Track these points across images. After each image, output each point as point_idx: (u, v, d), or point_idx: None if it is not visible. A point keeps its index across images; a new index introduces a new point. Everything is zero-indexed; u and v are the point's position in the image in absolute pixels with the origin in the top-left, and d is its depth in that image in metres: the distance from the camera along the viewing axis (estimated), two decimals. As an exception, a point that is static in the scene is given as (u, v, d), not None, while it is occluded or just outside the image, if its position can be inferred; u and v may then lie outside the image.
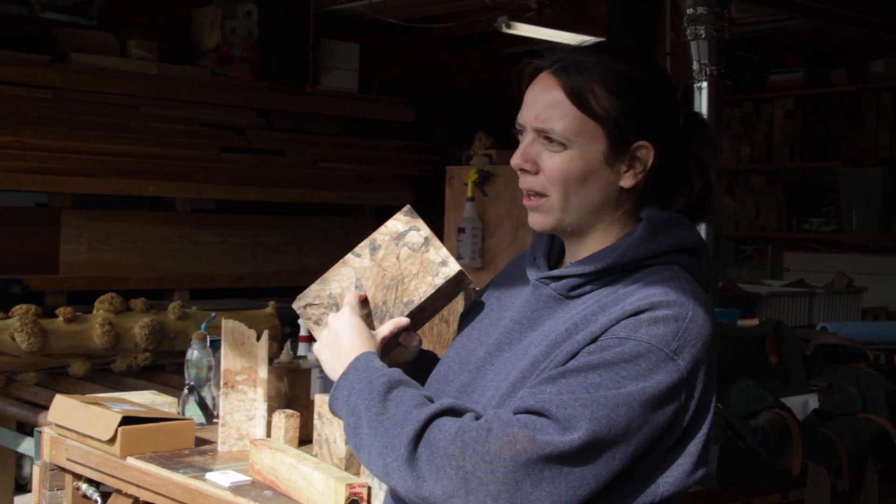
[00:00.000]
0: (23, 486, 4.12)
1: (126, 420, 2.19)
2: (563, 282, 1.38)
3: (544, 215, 1.40)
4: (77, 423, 2.27)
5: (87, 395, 2.54)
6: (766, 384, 2.47)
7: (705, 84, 3.72)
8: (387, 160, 5.81)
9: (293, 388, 2.32)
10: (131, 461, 2.16)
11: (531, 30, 5.53)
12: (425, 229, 1.51)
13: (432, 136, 6.05)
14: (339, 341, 1.42)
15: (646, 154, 1.37)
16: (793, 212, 7.14)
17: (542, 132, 1.37)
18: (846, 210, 6.84)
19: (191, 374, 2.46)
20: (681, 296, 1.30)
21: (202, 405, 2.45)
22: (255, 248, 5.25)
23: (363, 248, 1.51)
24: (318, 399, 2.16)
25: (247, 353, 2.24)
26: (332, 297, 1.49)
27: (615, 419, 1.22)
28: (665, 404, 1.26)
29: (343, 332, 1.42)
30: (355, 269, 1.50)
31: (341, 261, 1.52)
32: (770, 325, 2.75)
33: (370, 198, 5.67)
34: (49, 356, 3.13)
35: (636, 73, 1.37)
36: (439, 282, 1.46)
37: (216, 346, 2.35)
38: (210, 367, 2.47)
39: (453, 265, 1.47)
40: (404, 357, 1.50)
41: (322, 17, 5.60)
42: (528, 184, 1.39)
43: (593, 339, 1.28)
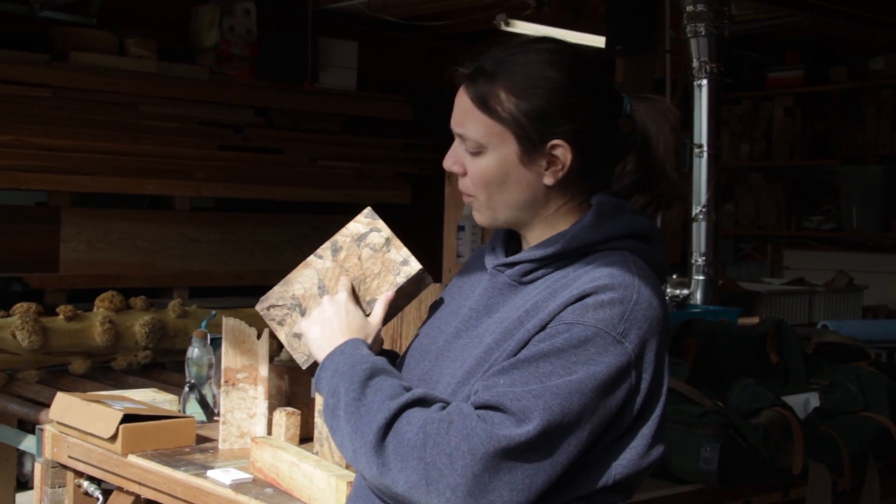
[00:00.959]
0: (24, 484, 4.12)
1: (127, 418, 2.19)
2: (517, 268, 1.43)
3: (479, 213, 1.46)
4: (78, 421, 2.27)
5: (89, 393, 2.54)
6: (766, 383, 2.47)
7: (705, 82, 3.73)
8: (386, 158, 5.80)
9: (294, 385, 2.32)
10: (133, 459, 2.16)
11: (530, 28, 5.53)
12: (386, 230, 1.54)
13: (431, 135, 6.04)
14: (331, 322, 1.46)
15: (562, 153, 1.40)
16: (792, 210, 7.14)
17: (461, 137, 1.44)
18: (846, 208, 6.84)
19: (191, 372, 2.46)
20: (626, 278, 1.34)
21: (203, 403, 2.46)
22: (254, 247, 5.25)
23: (325, 249, 1.54)
24: (319, 397, 2.16)
25: (247, 350, 2.24)
26: (294, 297, 1.51)
27: (568, 407, 1.26)
28: (615, 387, 1.30)
29: (336, 315, 1.47)
30: (317, 271, 1.52)
31: (303, 262, 1.54)
32: (771, 324, 2.75)
33: (369, 196, 5.65)
34: (50, 354, 3.13)
35: (547, 75, 1.39)
36: (401, 280, 1.50)
37: (217, 343, 2.35)
38: (211, 365, 2.47)
39: (414, 264, 1.51)
40: (375, 349, 1.51)
41: (320, 16, 5.60)
42: (461, 185, 1.46)
43: (542, 327, 1.33)
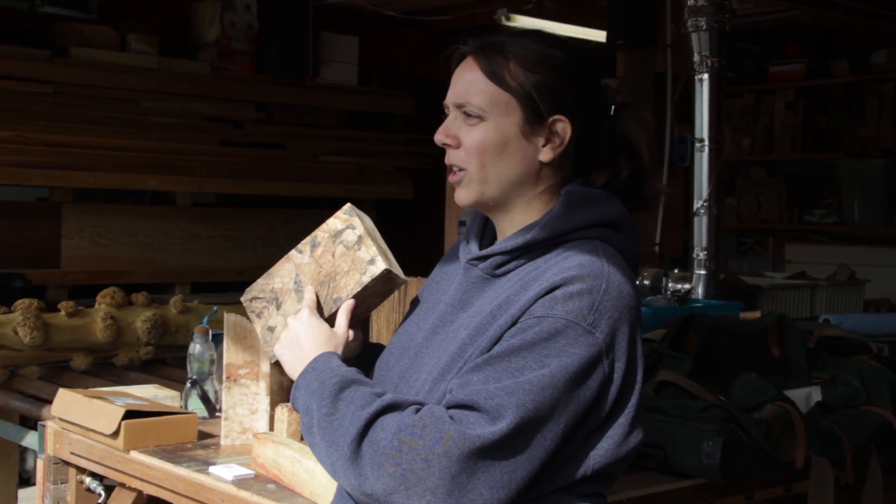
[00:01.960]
0: (26, 480, 4.12)
1: (129, 414, 2.19)
2: (489, 261, 1.44)
3: (465, 189, 1.46)
4: (80, 417, 2.27)
5: (90, 389, 2.54)
6: (768, 377, 2.46)
7: (706, 76, 3.72)
8: (387, 153, 5.80)
9: (296, 381, 2.32)
10: (134, 455, 2.16)
11: (531, 22, 5.52)
12: (360, 228, 1.54)
13: (432, 129, 6.01)
14: (299, 342, 1.48)
15: (563, 128, 1.43)
16: (794, 203, 7.13)
17: (460, 107, 1.44)
18: (848, 201, 6.83)
19: (193, 368, 2.46)
20: (596, 268, 1.34)
21: (205, 399, 2.45)
22: (255, 242, 5.25)
23: (305, 244, 1.56)
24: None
25: (249, 346, 2.24)
26: (273, 291, 1.53)
27: (541, 401, 1.27)
28: (588, 378, 1.30)
29: (302, 333, 1.48)
30: (296, 265, 1.54)
31: (286, 256, 1.57)
32: (773, 318, 2.75)
33: (371, 191, 5.66)
34: (51, 350, 3.13)
35: (553, 53, 1.44)
36: (366, 280, 1.50)
37: (218, 339, 2.35)
38: (212, 361, 2.46)
39: (380, 264, 1.51)
40: (348, 350, 1.53)
41: (321, 10, 5.59)
42: (450, 159, 1.46)
43: (514, 322, 1.33)
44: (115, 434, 2.17)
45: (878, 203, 6.69)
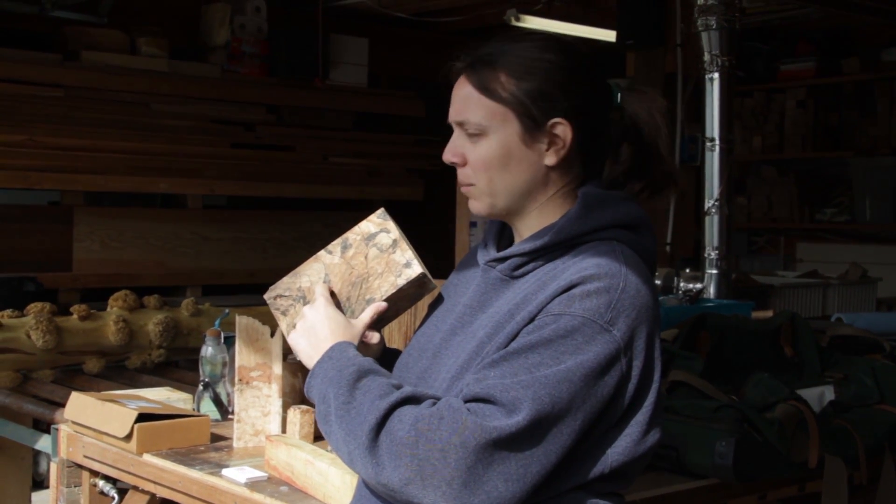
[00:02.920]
0: (39, 483, 4.14)
1: (142, 417, 2.20)
2: (508, 262, 1.45)
3: (477, 201, 1.47)
4: (93, 421, 2.28)
5: (103, 393, 2.55)
6: (781, 376, 2.46)
7: (717, 75, 3.71)
8: (397, 155, 5.80)
9: (308, 383, 2.32)
10: (148, 458, 2.17)
11: (540, 23, 5.52)
12: (395, 232, 1.55)
13: (442, 131, 6.02)
14: (316, 330, 1.48)
15: (563, 131, 1.43)
16: (805, 202, 7.11)
17: (461, 125, 1.46)
18: (859, 200, 6.81)
19: (205, 371, 2.46)
20: (613, 267, 1.35)
21: (217, 402, 2.46)
22: (266, 244, 5.26)
23: (335, 245, 1.56)
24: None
25: (261, 349, 2.24)
26: (300, 290, 1.53)
27: (557, 396, 1.28)
28: (605, 375, 1.31)
29: (319, 322, 1.48)
30: (325, 265, 1.54)
31: (314, 256, 1.56)
32: (785, 317, 2.74)
33: (381, 192, 5.67)
34: (64, 354, 3.14)
35: (544, 57, 1.44)
36: (401, 282, 1.51)
37: (230, 342, 2.35)
38: (224, 364, 2.47)
39: (416, 268, 1.51)
40: (370, 352, 1.53)
41: (331, 12, 5.60)
42: (460, 176, 1.48)
43: (531, 319, 1.34)
44: (128, 437, 2.18)
45: (890, 201, 6.66)
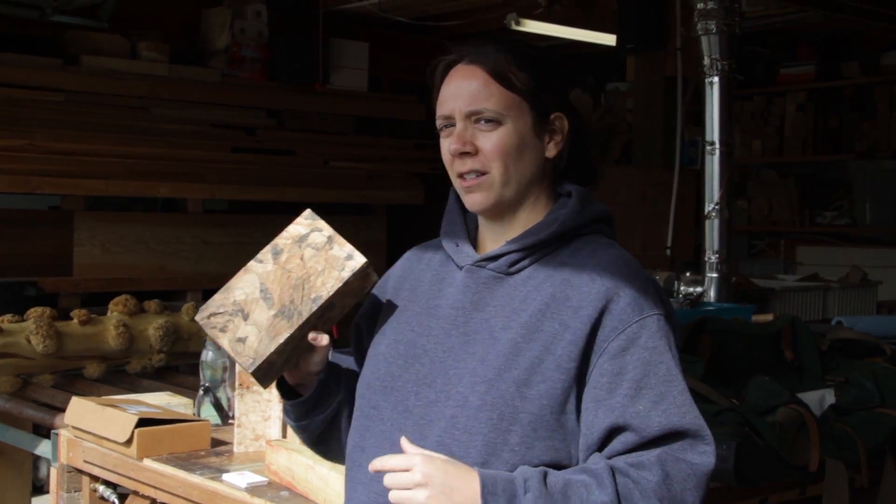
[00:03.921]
0: (39, 488, 4.13)
1: (142, 422, 2.20)
2: (503, 259, 1.45)
3: (485, 192, 1.46)
4: (93, 426, 2.28)
5: (103, 398, 2.55)
6: (782, 380, 2.46)
7: (716, 79, 3.72)
8: (397, 159, 5.80)
9: (308, 388, 2.32)
10: (148, 463, 2.17)
11: (541, 27, 5.52)
12: (328, 229, 1.52)
13: (443, 135, 6.03)
14: (450, 484, 1.30)
15: (562, 124, 1.49)
16: (805, 206, 7.11)
17: (474, 114, 1.44)
18: (859, 203, 6.81)
19: (206, 376, 2.47)
20: (633, 261, 1.44)
21: (217, 406, 2.46)
22: (266, 248, 5.25)
23: (265, 253, 1.52)
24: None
25: (262, 353, 2.24)
26: (236, 303, 1.47)
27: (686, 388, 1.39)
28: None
29: (447, 474, 1.31)
30: (258, 275, 1.49)
31: (243, 269, 1.51)
32: (785, 321, 2.74)
33: (381, 197, 5.66)
34: (64, 358, 3.14)
35: (538, 53, 1.50)
36: (346, 275, 1.47)
37: (231, 346, 2.35)
38: (225, 369, 2.47)
39: (359, 258, 1.48)
40: (317, 359, 1.49)
41: (331, 17, 5.60)
42: (467, 166, 1.45)
43: (593, 325, 1.36)
44: (129, 442, 2.18)
45: (890, 204, 6.67)
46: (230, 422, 2.42)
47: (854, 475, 2.26)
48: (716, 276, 3.70)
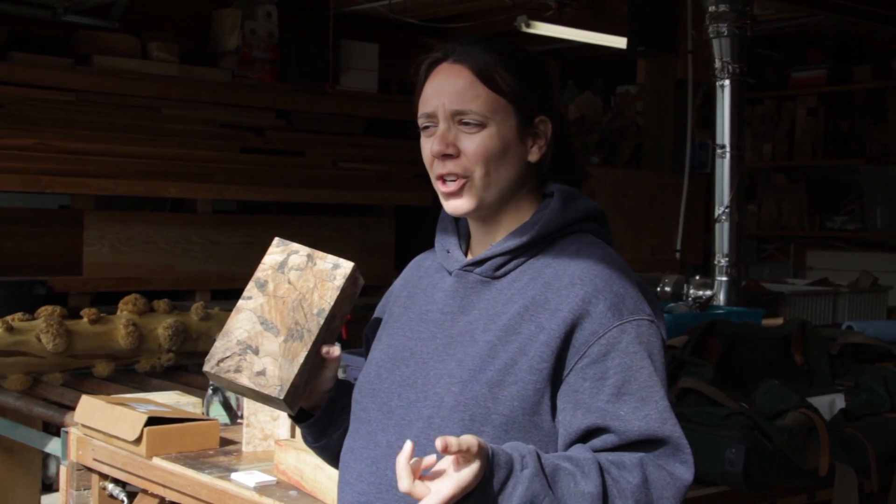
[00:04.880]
0: (49, 486, 4.14)
1: (151, 420, 2.20)
2: (489, 263, 1.44)
3: (466, 196, 1.43)
4: (103, 424, 2.28)
5: (113, 396, 2.55)
6: (791, 384, 2.45)
7: (727, 82, 3.71)
8: (407, 160, 5.80)
9: (317, 388, 2.32)
10: (157, 461, 2.17)
11: (551, 29, 5.52)
12: (303, 248, 1.52)
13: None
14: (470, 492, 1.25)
15: (545, 127, 1.46)
16: (816, 210, 7.09)
17: (458, 114, 1.42)
18: (870, 208, 6.79)
19: (215, 375, 2.46)
20: (617, 261, 1.41)
21: (226, 406, 2.46)
22: (275, 249, 5.25)
23: (250, 290, 1.50)
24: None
25: (271, 353, 2.24)
26: (241, 343, 1.46)
27: (667, 392, 1.37)
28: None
29: (459, 485, 1.24)
30: (252, 311, 1.47)
31: (234, 310, 1.49)
32: (795, 325, 2.73)
33: (390, 198, 5.66)
34: (74, 357, 3.14)
35: (523, 55, 1.47)
36: (340, 283, 1.48)
37: (240, 346, 2.35)
38: (234, 368, 2.47)
39: (346, 263, 1.49)
40: (329, 375, 1.49)
41: (341, 18, 5.61)
42: (448, 168, 1.43)
43: (570, 327, 1.34)
44: (138, 440, 2.18)
45: (901, 209, 6.64)
46: (239, 421, 2.42)
47: (863, 480, 2.25)
48: (725, 279, 3.69)
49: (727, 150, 3.72)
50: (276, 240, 1.55)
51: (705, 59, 3.97)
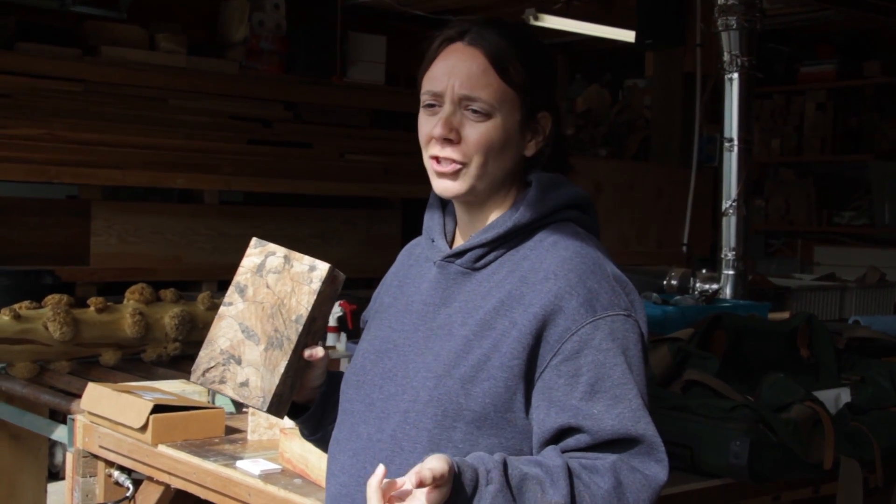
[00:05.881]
0: (55, 474, 4.16)
1: (157, 408, 2.21)
2: (468, 255, 1.42)
3: (459, 182, 1.41)
4: (109, 411, 2.29)
5: (119, 384, 2.56)
6: (797, 378, 2.44)
7: (736, 76, 3.70)
8: (413, 153, 5.75)
9: (322, 377, 2.32)
10: (163, 449, 2.18)
11: (559, 22, 5.51)
12: (280, 249, 1.50)
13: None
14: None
15: (545, 123, 1.44)
16: (823, 205, 7.07)
17: (467, 100, 1.39)
18: (878, 203, 6.77)
19: (221, 364, 2.47)
20: (592, 254, 1.37)
21: (232, 395, 2.46)
22: (282, 241, 5.12)
23: (231, 295, 1.49)
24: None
25: (276, 342, 2.24)
26: (224, 352, 1.46)
27: (646, 397, 1.34)
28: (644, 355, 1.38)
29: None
30: (234, 318, 1.47)
31: (217, 317, 1.49)
32: (802, 319, 2.73)
33: (397, 190, 5.67)
34: (81, 345, 3.15)
35: (537, 46, 1.44)
36: (317, 286, 1.46)
37: (246, 335, 2.35)
38: (240, 357, 2.47)
39: (321, 265, 1.47)
40: (317, 373, 1.49)
41: (349, 10, 5.61)
42: (446, 153, 1.41)
43: (542, 322, 1.32)
44: (144, 428, 2.19)
45: (909, 205, 6.62)
46: (244, 410, 2.43)
47: (869, 474, 2.25)
48: (732, 273, 3.68)
49: (735, 143, 3.71)
50: (253, 240, 1.54)
51: (714, 53, 3.96)
